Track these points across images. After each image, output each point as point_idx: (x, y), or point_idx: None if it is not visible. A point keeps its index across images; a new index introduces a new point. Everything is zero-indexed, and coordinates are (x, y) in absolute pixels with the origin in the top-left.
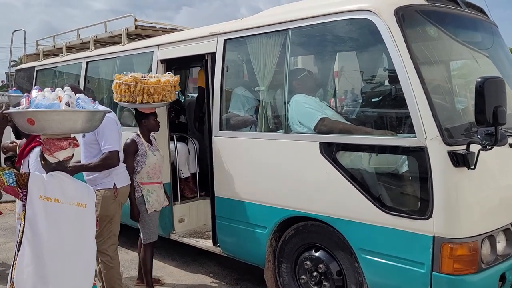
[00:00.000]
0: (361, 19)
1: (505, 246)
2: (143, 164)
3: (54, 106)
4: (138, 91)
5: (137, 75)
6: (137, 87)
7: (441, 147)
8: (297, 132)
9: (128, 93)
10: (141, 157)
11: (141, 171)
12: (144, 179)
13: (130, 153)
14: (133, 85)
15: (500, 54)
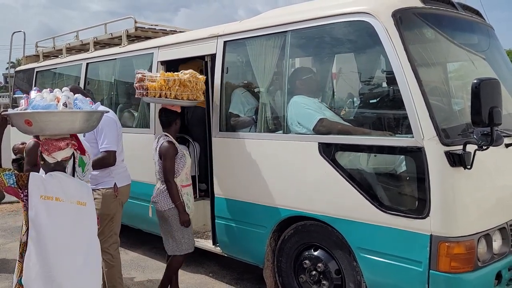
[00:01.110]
0: (360, 22)
1: (501, 245)
2: (183, 165)
3: (51, 107)
4: (198, 88)
5: (193, 72)
6: (198, 85)
7: (438, 147)
8: (296, 132)
9: (188, 90)
10: (180, 158)
11: (181, 173)
12: (184, 181)
13: (171, 156)
14: (193, 82)
15: (496, 56)
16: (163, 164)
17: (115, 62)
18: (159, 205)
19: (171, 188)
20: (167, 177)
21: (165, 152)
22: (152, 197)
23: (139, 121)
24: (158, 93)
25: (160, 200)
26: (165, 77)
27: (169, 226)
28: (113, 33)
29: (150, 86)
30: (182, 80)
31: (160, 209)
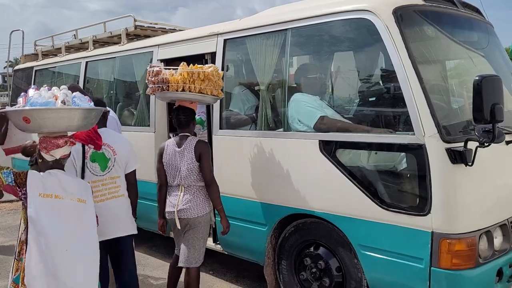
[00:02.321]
0: (360, 19)
1: (502, 242)
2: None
3: (49, 104)
4: (219, 84)
5: (215, 66)
6: (219, 80)
7: (439, 144)
8: (297, 130)
9: (212, 85)
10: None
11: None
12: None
13: (209, 154)
14: (216, 77)
15: (496, 53)
16: (205, 164)
17: (115, 61)
18: (189, 212)
19: (215, 190)
20: (211, 178)
21: (207, 150)
22: (178, 207)
23: (139, 119)
24: (181, 87)
25: (191, 207)
26: (188, 69)
27: (195, 234)
28: (112, 32)
29: (172, 79)
30: (206, 73)
31: (189, 216)
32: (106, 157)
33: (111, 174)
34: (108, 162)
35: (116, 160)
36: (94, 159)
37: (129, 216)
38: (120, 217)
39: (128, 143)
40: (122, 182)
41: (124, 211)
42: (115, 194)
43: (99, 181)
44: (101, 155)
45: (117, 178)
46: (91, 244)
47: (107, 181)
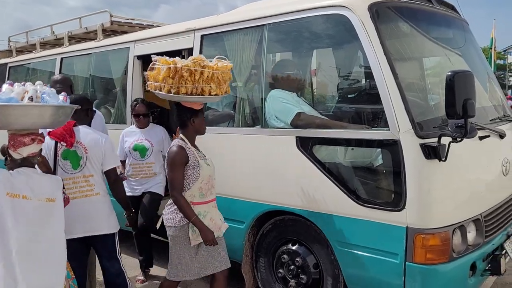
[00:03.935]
0: (336, 15)
1: (475, 236)
2: (195, 178)
3: (12, 100)
4: (205, 80)
5: (198, 58)
6: (204, 74)
7: (414, 139)
8: (274, 127)
9: (189, 82)
10: (193, 169)
11: (192, 187)
12: (196, 197)
13: (178, 164)
14: (198, 72)
15: (471, 51)
16: (168, 174)
17: (91, 57)
18: (165, 219)
19: (177, 201)
20: (171, 191)
21: (170, 159)
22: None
23: (116, 117)
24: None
25: (166, 214)
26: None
27: (170, 246)
28: (88, 28)
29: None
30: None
31: (165, 224)
32: (78, 155)
33: (83, 172)
34: (80, 160)
35: (88, 158)
36: (65, 157)
37: (104, 215)
38: (92, 216)
39: (103, 141)
40: (97, 181)
41: (98, 210)
42: (86, 193)
43: (70, 179)
44: (73, 152)
45: (90, 176)
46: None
47: (79, 179)
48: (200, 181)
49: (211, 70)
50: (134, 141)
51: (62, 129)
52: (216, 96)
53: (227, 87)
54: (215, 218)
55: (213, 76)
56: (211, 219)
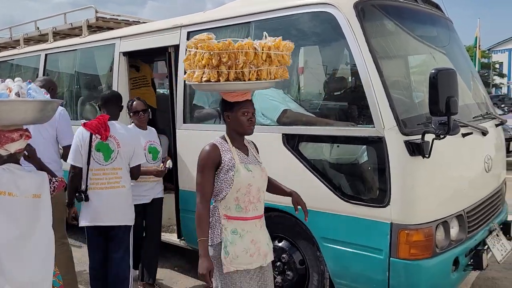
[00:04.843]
0: (322, 12)
1: (458, 232)
2: (228, 184)
3: (2, 96)
4: (260, 60)
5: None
6: (261, 55)
7: (398, 136)
8: (261, 124)
9: (225, 67)
10: (227, 172)
11: (226, 196)
12: (232, 210)
13: (206, 166)
14: (259, 53)
15: (455, 49)
16: (196, 176)
17: (76, 53)
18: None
19: (196, 211)
20: (197, 197)
21: (199, 159)
22: None
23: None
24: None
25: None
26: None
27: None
28: (73, 23)
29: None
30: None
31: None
32: (110, 148)
33: (113, 165)
34: (111, 153)
35: (119, 153)
36: (98, 149)
37: (126, 208)
38: (116, 207)
39: (135, 138)
40: (124, 174)
41: (121, 202)
42: (114, 184)
43: (101, 170)
44: (106, 145)
45: (119, 169)
46: (45, 241)
47: (109, 171)
48: (235, 189)
49: (269, 50)
50: (147, 142)
51: (97, 122)
52: (266, 81)
53: (284, 70)
54: (260, 241)
55: (269, 56)
56: (253, 241)
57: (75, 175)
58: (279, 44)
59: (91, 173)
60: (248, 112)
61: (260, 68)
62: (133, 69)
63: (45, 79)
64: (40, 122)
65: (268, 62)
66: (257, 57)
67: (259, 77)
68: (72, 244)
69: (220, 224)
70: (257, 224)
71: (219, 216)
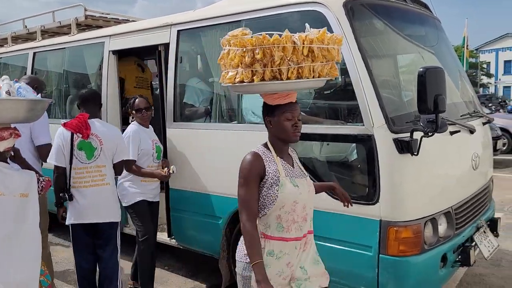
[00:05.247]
0: (311, 11)
1: (446, 228)
2: (271, 201)
3: None
4: (301, 56)
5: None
6: (302, 50)
7: (387, 134)
8: (251, 122)
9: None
10: (270, 187)
11: (268, 213)
12: (271, 228)
13: (249, 179)
14: (299, 47)
15: (443, 49)
16: (238, 190)
17: (64, 52)
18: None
19: (244, 230)
20: (242, 214)
21: (240, 170)
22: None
23: None
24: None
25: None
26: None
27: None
28: (61, 22)
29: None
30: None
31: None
32: (92, 146)
33: (97, 163)
34: (94, 151)
35: (103, 150)
36: (81, 147)
37: (112, 205)
38: (101, 204)
39: (116, 134)
40: (108, 172)
41: (107, 199)
42: (98, 182)
43: (84, 169)
44: (88, 144)
45: (103, 167)
46: (33, 240)
47: (92, 169)
48: (279, 207)
49: (311, 44)
50: (153, 141)
51: (77, 121)
52: (309, 80)
53: (332, 67)
54: (295, 265)
55: (311, 51)
56: (289, 264)
57: (59, 176)
58: (323, 37)
59: (73, 172)
60: (293, 116)
61: (301, 65)
62: (139, 68)
63: (30, 77)
64: (29, 121)
65: (310, 58)
66: (297, 52)
67: (300, 76)
68: (61, 244)
69: (262, 244)
70: (297, 246)
71: (256, 234)
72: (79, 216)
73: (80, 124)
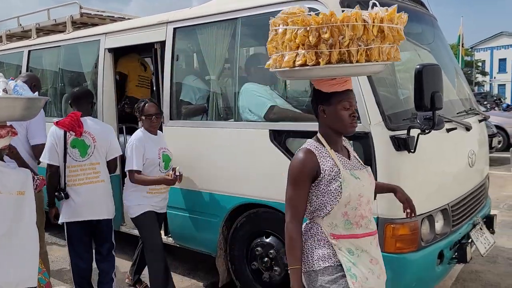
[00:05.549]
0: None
1: (443, 225)
2: (334, 197)
3: None
4: (371, 36)
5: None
6: (372, 29)
7: (384, 132)
8: (248, 120)
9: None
10: (330, 183)
11: (332, 211)
12: (339, 227)
13: (300, 178)
14: (369, 26)
15: (440, 46)
16: (286, 189)
17: (60, 50)
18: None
19: (287, 232)
20: (287, 215)
21: (290, 169)
22: None
23: None
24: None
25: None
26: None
27: None
28: (57, 20)
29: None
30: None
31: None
32: (86, 144)
33: (91, 160)
34: (88, 149)
35: (96, 147)
36: (74, 145)
37: (106, 201)
38: (95, 201)
39: (109, 132)
40: (102, 169)
41: (101, 196)
42: (93, 179)
43: (78, 166)
44: (81, 141)
45: (97, 164)
46: (30, 238)
47: (86, 167)
48: (344, 203)
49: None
50: (160, 150)
51: (70, 120)
52: (378, 63)
53: (396, 50)
54: (378, 258)
55: (381, 30)
56: (372, 261)
57: (52, 174)
58: (392, 15)
59: (68, 170)
60: (351, 105)
61: (369, 46)
62: (142, 66)
63: (28, 74)
64: (26, 119)
65: (380, 39)
66: (367, 31)
67: (369, 58)
68: (57, 243)
69: (328, 243)
70: (372, 242)
71: (323, 235)
72: (74, 214)
73: (73, 122)
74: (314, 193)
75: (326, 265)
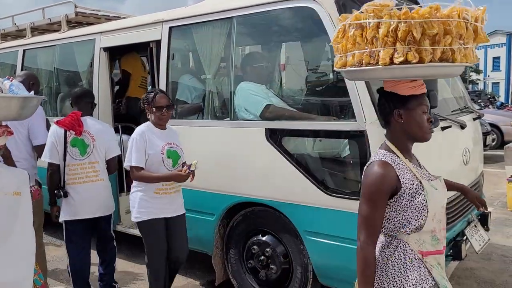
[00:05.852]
0: (304, 8)
1: None
2: (419, 212)
3: None
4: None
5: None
6: (471, 29)
7: (379, 130)
8: (244, 119)
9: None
10: (413, 198)
11: (420, 227)
12: (427, 243)
13: (379, 195)
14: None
15: None
16: (360, 206)
17: (55, 49)
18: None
19: (362, 252)
20: (358, 233)
21: (367, 185)
22: None
23: None
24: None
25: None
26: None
27: None
28: (52, 19)
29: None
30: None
31: None
32: (85, 142)
33: (90, 159)
34: (87, 148)
35: (95, 146)
36: (74, 144)
37: (106, 199)
38: (95, 200)
39: (109, 131)
40: (101, 168)
41: (101, 194)
42: (92, 178)
43: (78, 165)
44: (81, 140)
45: (96, 163)
46: (26, 239)
47: (86, 166)
48: (431, 217)
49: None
50: (165, 145)
51: (70, 119)
52: (463, 64)
53: (474, 52)
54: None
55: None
56: (444, 278)
57: (53, 173)
58: (483, 15)
59: (67, 168)
60: (428, 109)
61: (468, 45)
62: (142, 67)
63: (26, 73)
64: (22, 119)
65: (472, 38)
66: (467, 30)
67: (466, 59)
68: (53, 243)
69: (421, 263)
70: (444, 256)
71: (413, 254)
72: (74, 212)
73: (73, 121)
74: (393, 208)
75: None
